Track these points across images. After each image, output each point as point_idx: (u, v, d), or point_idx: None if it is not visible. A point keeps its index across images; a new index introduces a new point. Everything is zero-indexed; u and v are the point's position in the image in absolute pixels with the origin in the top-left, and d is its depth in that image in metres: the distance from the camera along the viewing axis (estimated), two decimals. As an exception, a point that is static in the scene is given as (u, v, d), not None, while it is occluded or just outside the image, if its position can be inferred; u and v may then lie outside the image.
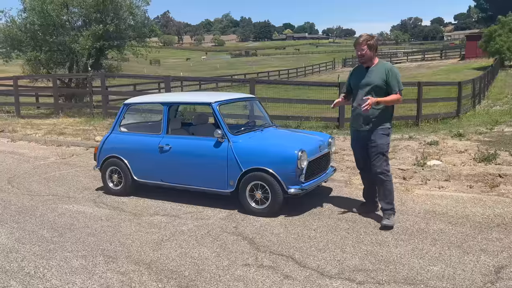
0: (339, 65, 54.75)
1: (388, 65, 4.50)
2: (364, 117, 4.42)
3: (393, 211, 4.47)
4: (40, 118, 14.61)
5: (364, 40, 4.38)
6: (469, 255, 3.72)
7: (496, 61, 31.87)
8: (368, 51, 4.37)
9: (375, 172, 4.46)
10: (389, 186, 4.45)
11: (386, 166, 4.45)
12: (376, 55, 4.49)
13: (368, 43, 4.36)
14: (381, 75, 4.36)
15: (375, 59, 4.47)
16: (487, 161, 6.64)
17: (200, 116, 5.98)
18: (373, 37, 4.46)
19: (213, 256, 3.80)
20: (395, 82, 4.34)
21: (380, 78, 4.36)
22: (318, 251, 3.86)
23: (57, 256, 3.90)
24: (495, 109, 15.09)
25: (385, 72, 4.36)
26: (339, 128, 10.61)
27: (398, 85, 4.36)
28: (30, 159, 8.34)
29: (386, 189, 4.44)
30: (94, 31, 16.85)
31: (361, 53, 4.40)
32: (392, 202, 4.46)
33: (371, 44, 4.37)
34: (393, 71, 4.38)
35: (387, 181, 4.43)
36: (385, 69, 4.39)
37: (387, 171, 4.44)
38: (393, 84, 4.34)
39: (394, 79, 4.34)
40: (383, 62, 4.54)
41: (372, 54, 4.41)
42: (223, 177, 4.93)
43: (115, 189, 5.69)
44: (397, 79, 4.37)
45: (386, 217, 4.42)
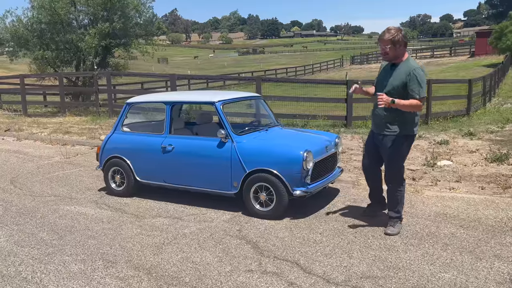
0: (347, 63, 54.33)
1: (412, 65, 3.92)
2: (384, 121, 4.04)
3: (399, 219, 4.27)
4: (46, 116, 14.62)
5: (389, 37, 3.88)
6: (482, 261, 3.56)
7: (507, 58, 31.30)
8: (393, 49, 3.91)
9: (387, 180, 4.25)
10: (399, 196, 4.19)
11: (401, 174, 4.18)
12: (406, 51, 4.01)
13: (394, 40, 3.87)
14: (402, 76, 3.90)
15: (404, 56, 3.98)
16: (499, 161, 6.45)
17: (203, 115, 5.86)
18: (400, 31, 3.93)
19: (215, 261, 3.68)
20: (415, 86, 3.83)
21: (400, 79, 3.91)
22: (324, 257, 3.72)
23: (56, 260, 3.80)
24: (506, 107, 14.79)
25: (406, 73, 3.88)
26: (347, 127, 10.45)
27: (420, 91, 3.84)
28: (35, 158, 8.29)
29: (396, 198, 4.21)
30: (101, 29, 16.81)
31: (385, 51, 3.96)
32: (400, 212, 4.24)
33: (397, 41, 3.87)
34: (415, 73, 3.85)
35: (399, 190, 4.19)
36: (409, 69, 3.89)
37: (402, 180, 4.20)
38: (413, 88, 3.84)
39: (415, 83, 3.83)
40: (409, 61, 3.98)
41: (397, 52, 3.93)
42: (226, 178, 4.81)
43: (118, 189, 5.60)
44: (419, 83, 3.84)
45: (391, 225, 4.22)
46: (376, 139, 4.23)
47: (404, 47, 3.98)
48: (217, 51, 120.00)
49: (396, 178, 4.18)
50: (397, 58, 4.00)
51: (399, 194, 4.20)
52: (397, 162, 4.14)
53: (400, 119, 3.99)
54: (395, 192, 4.20)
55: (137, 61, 21.13)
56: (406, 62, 3.97)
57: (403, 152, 4.13)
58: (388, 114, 4.00)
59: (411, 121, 4.03)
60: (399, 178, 4.19)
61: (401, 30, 3.97)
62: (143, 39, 20.14)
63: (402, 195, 4.23)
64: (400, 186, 4.19)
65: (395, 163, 4.14)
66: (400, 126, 4.01)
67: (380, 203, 4.62)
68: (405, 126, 4.01)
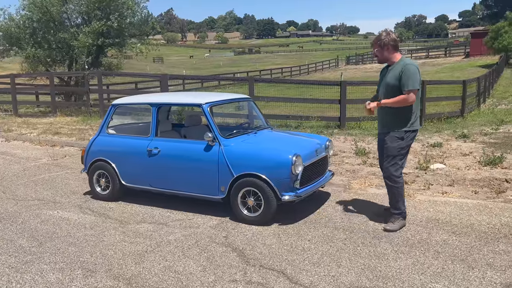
0: (342, 63, 54.29)
1: (404, 62, 4.13)
2: (380, 120, 4.33)
3: (400, 215, 4.33)
4: (37, 117, 14.42)
5: (377, 40, 4.18)
6: (474, 270, 3.44)
7: (502, 59, 31.35)
8: (381, 51, 4.17)
9: (383, 176, 4.40)
10: (396, 192, 4.27)
11: (395, 171, 4.24)
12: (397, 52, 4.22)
13: (379, 43, 4.15)
14: (396, 74, 4.11)
15: (396, 57, 4.20)
16: (493, 164, 6.36)
17: (192, 117, 5.72)
18: (389, 34, 4.20)
19: (198, 271, 3.54)
20: (406, 80, 4.02)
21: (394, 77, 4.12)
22: (312, 265, 3.60)
23: (33, 269, 3.65)
24: (500, 108, 14.75)
25: (399, 70, 4.08)
26: (340, 128, 10.34)
27: (407, 83, 4.01)
28: (22, 160, 8.12)
29: (393, 194, 4.30)
30: (95, 28, 16.60)
31: (374, 54, 4.28)
32: (399, 208, 4.31)
33: (383, 43, 4.14)
34: (407, 69, 4.04)
35: (394, 187, 4.27)
36: (401, 67, 4.09)
37: (395, 176, 4.25)
38: (403, 83, 4.04)
39: (405, 77, 4.02)
40: (403, 60, 4.18)
41: (386, 55, 4.19)
42: (213, 182, 4.68)
43: (103, 193, 5.45)
44: (410, 77, 4.01)
45: (391, 221, 4.32)
46: (380, 139, 4.44)
47: (393, 49, 4.19)
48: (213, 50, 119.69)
49: (390, 175, 4.25)
50: (388, 60, 4.25)
51: (396, 190, 4.26)
52: (392, 159, 4.23)
53: (392, 117, 4.18)
54: (392, 189, 4.28)
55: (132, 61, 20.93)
56: (399, 62, 4.17)
57: (396, 149, 4.19)
58: (383, 114, 4.26)
59: (403, 119, 4.16)
60: (394, 175, 4.23)
61: (390, 34, 4.23)
62: (137, 39, 19.94)
63: (399, 192, 4.27)
64: (395, 182, 4.24)
65: (390, 159, 4.24)
66: (392, 124, 4.20)
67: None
68: (396, 123, 4.18)
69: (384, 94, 4.23)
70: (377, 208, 4.94)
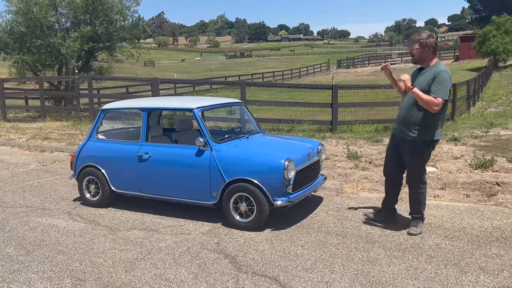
0: (333, 67, 54.55)
1: (439, 68, 3.95)
2: (406, 123, 4.09)
3: (422, 219, 4.36)
4: (26, 121, 14.24)
5: (418, 38, 4.00)
6: (467, 275, 3.43)
7: (490, 62, 31.74)
8: (420, 50, 3.99)
9: (409, 183, 4.34)
10: (421, 197, 4.28)
11: (421, 177, 4.26)
12: (435, 56, 4.09)
13: (421, 42, 3.96)
14: (428, 79, 3.94)
15: (432, 61, 4.04)
16: (484, 167, 6.38)
17: (183, 122, 5.67)
18: (433, 36, 4.03)
19: (190, 278, 3.49)
20: (437, 87, 3.86)
21: (426, 82, 3.94)
22: (305, 271, 3.56)
23: (21, 278, 3.57)
24: (490, 111, 14.88)
25: (432, 76, 3.91)
26: (332, 131, 10.34)
27: (437, 91, 3.85)
28: (10, 166, 7.99)
29: (416, 199, 4.30)
30: (83, 33, 16.48)
31: (411, 52, 4.07)
32: (421, 212, 4.33)
33: (425, 44, 3.96)
34: (440, 76, 3.88)
35: (420, 193, 4.27)
36: (434, 72, 3.92)
37: (421, 183, 4.27)
38: (435, 90, 3.86)
39: (436, 84, 3.86)
40: (438, 65, 4.00)
41: (424, 55, 4.01)
42: (205, 188, 4.63)
43: (93, 200, 5.37)
44: (442, 85, 3.85)
45: (414, 225, 4.32)
46: (399, 143, 4.26)
47: (433, 53, 4.03)
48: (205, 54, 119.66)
49: (417, 180, 4.25)
50: (423, 62, 4.07)
51: (420, 195, 4.28)
52: (418, 166, 4.21)
53: (421, 123, 4.02)
54: (416, 194, 4.27)
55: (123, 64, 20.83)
56: (433, 67, 4.02)
57: (423, 156, 4.17)
58: (410, 119, 4.06)
59: (431, 126, 4.04)
60: (420, 180, 4.25)
61: (433, 36, 4.06)
62: (128, 43, 19.82)
63: (423, 196, 4.30)
64: (421, 188, 4.27)
65: (415, 166, 4.21)
66: (420, 131, 4.05)
67: (391, 214, 4.63)
68: (425, 131, 4.04)
69: (412, 98, 4.02)
70: (369, 212, 4.92)
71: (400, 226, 4.46)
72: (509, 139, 8.66)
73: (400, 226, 4.47)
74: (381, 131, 10.24)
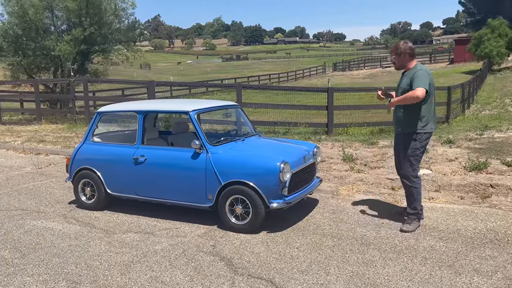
0: (329, 69, 54.70)
1: (416, 69, 4.39)
2: (396, 121, 4.55)
3: (417, 216, 4.48)
4: (22, 124, 14.19)
5: (393, 49, 4.49)
6: (461, 276, 3.46)
7: (485, 65, 31.93)
8: (398, 58, 4.45)
9: (400, 175, 4.57)
10: (414, 192, 4.44)
11: (412, 171, 4.42)
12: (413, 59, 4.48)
13: (396, 51, 4.44)
14: (408, 79, 4.37)
15: (411, 64, 4.45)
16: (478, 170, 6.43)
17: (179, 125, 5.67)
18: (406, 43, 4.50)
19: (185, 281, 3.49)
20: (416, 81, 4.26)
21: (406, 82, 4.38)
22: (300, 273, 3.57)
23: (16, 281, 3.56)
24: (484, 114, 14.98)
25: (411, 76, 4.34)
26: (328, 134, 10.38)
27: (415, 84, 4.24)
28: (5, 169, 7.96)
29: (410, 194, 4.46)
30: (75, 36, 16.46)
31: (392, 61, 4.57)
32: (415, 208, 4.46)
33: (400, 51, 4.42)
34: (416, 74, 4.30)
35: (411, 187, 4.44)
36: (413, 73, 4.35)
37: (412, 176, 4.43)
38: (414, 84, 4.26)
39: (416, 79, 4.27)
40: (416, 66, 4.43)
41: (403, 61, 4.44)
42: (201, 190, 4.63)
43: (88, 203, 5.36)
44: (418, 78, 4.25)
45: (407, 222, 4.46)
46: (396, 140, 4.64)
47: (410, 56, 4.44)
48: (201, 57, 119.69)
49: (407, 174, 4.42)
50: (404, 66, 4.49)
51: (413, 190, 4.42)
52: (408, 158, 4.41)
53: (406, 118, 4.40)
54: (409, 188, 4.45)
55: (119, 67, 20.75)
56: (412, 69, 4.43)
57: (411, 149, 4.38)
58: (398, 115, 4.49)
59: (416, 119, 4.37)
60: (411, 174, 4.41)
61: (407, 42, 4.55)
62: (123, 45, 19.81)
63: (417, 191, 4.44)
64: (412, 182, 4.42)
65: (406, 159, 4.43)
66: (406, 125, 4.42)
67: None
68: (411, 124, 4.38)
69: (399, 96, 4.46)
70: (364, 214, 4.95)
71: (395, 228, 4.48)
72: (503, 142, 8.72)
73: (395, 228, 4.49)
74: (377, 134, 10.28)
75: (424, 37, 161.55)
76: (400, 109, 4.46)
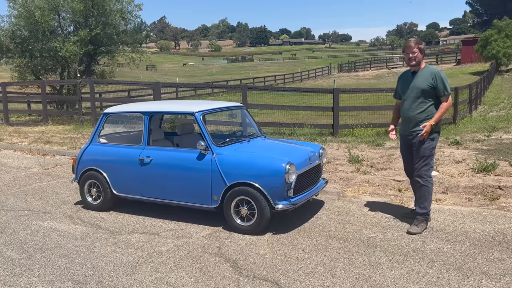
0: (335, 70, 54.62)
1: (434, 69, 4.43)
2: (406, 122, 4.50)
3: (425, 217, 4.46)
4: (29, 125, 14.29)
5: (416, 43, 4.40)
6: (469, 279, 3.42)
7: (492, 66, 31.70)
8: (419, 54, 4.39)
9: (414, 175, 4.51)
10: (426, 192, 4.43)
11: (427, 171, 4.43)
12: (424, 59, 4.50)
13: (419, 47, 4.38)
14: (428, 79, 4.36)
15: (422, 63, 4.46)
16: (486, 171, 6.37)
17: (184, 126, 5.67)
18: (422, 42, 4.51)
19: (191, 282, 3.48)
20: (442, 86, 4.31)
21: (426, 82, 4.36)
22: (306, 275, 3.55)
23: (22, 281, 3.57)
24: (492, 115, 14.86)
25: (431, 76, 4.34)
26: (334, 135, 10.34)
27: (445, 89, 4.32)
28: (12, 169, 8.01)
29: (422, 194, 4.44)
30: (82, 37, 16.57)
31: (413, 56, 4.38)
32: (425, 208, 4.44)
33: (422, 48, 4.39)
34: (439, 75, 4.33)
35: (424, 186, 4.42)
36: (432, 73, 4.35)
37: (427, 176, 4.42)
38: (440, 88, 4.31)
39: (441, 83, 4.31)
40: (429, 66, 4.48)
41: (421, 58, 4.42)
42: (206, 191, 4.63)
43: (94, 203, 5.37)
44: (444, 82, 4.32)
45: (415, 223, 4.44)
46: (408, 141, 4.54)
47: (423, 56, 4.45)
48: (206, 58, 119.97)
49: (423, 174, 4.41)
50: (419, 65, 4.46)
51: (426, 190, 4.41)
52: (425, 159, 4.41)
53: (425, 118, 4.38)
54: (422, 188, 4.43)
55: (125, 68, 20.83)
56: (426, 68, 4.44)
57: (429, 149, 4.39)
58: (419, 115, 4.40)
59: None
60: (426, 174, 4.41)
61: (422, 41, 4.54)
62: (129, 47, 19.90)
63: (429, 191, 4.43)
64: (426, 182, 4.41)
65: (423, 160, 4.41)
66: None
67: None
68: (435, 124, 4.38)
69: (410, 97, 4.44)
70: (371, 216, 4.92)
71: (401, 230, 4.45)
72: (511, 143, 8.64)
73: (402, 230, 4.45)
74: (383, 135, 10.23)
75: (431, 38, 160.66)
76: (417, 109, 4.38)
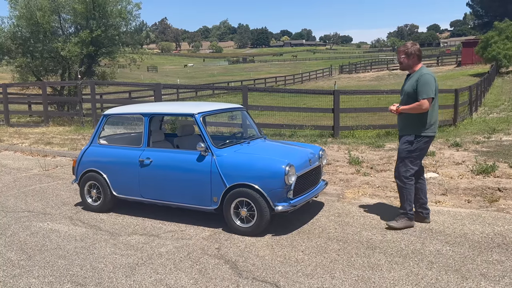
0: (336, 72, 54.65)
1: (421, 72, 4.42)
2: (400, 125, 4.62)
3: (406, 215, 4.53)
4: (29, 126, 14.32)
5: (403, 49, 4.49)
6: (468, 281, 3.42)
7: (493, 68, 31.71)
8: (406, 59, 4.45)
9: (394, 175, 4.66)
10: (404, 192, 4.51)
11: (404, 172, 4.49)
12: (420, 62, 4.52)
13: (406, 51, 4.45)
14: (413, 82, 4.40)
15: (417, 66, 4.49)
16: (486, 173, 6.37)
17: (184, 127, 5.68)
18: (415, 45, 4.53)
19: (190, 284, 3.49)
20: (421, 88, 4.31)
21: (411, 85, 4.41)
22: (305, 277, 3.56)
23: (21, 283, 3.58)
24: (492, 117, 14.86)
25: (416, 79, 4.38)
26: (334, 137, 10.34)
27: (422, 91, 4.30)
28: (12, 170, 8.02)
29: (401, 194, 4.56)
30: (83, 38, 16.61)
31: (399, 61, 4.53)
32: (405, 208, 4.52)
33: (409, 53, 4.44)
34: (422, 79, 4.33)
35: (401, 187, 4.52)
36: (418, 76, 4.38)
37: (403, 177, 4.49)
38: (419, 91, 4.32)
39: (420, 86, 4.31)
40: (421, 69, 4.47)
41: (410, 62, 4.46)
42: (206, 193, 4.63)
43: (94, 205, 5.38)
44: (424, 86, 4.30)
45: (395, 219, 4.57)
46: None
47: (417, 59, 4.47)
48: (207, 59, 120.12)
49: (399, 175, 4.52)
50: (410, 68, 4.53)
51: (404, 191, 4.51)
52: (401, 160, 4.50)
53: (404, 122, 4.50)
54: (400, 188, 4.56)
55: (126, 70, 20.85)
56: (418, 71, 4.46)
57: (404, 151, 4.46)
58: (400, 120, 4.56)
59: (414, 124, 4.43)
60: (403, 175, 4.49)
61: (416, 44, 4.57)
62: (130, 48, 19.91)
63: (408, 192, 4.50)
64: (403, 183, 4.49)
65: (399, 160, 4.53)
66: (403, 128, 4.52)
67: (421, 211, 4.70)
68: (407, 128, 4.47)
69: (402, 100, 4.54)
70: (370, 218, 4.92)
71: (400, 232, 4.45)
72: (511, 145, 8.64)
73: (401, 231, 4.46)
74: (383, 137, 10.24)
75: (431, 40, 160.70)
76: (402, 112, 4.49)
